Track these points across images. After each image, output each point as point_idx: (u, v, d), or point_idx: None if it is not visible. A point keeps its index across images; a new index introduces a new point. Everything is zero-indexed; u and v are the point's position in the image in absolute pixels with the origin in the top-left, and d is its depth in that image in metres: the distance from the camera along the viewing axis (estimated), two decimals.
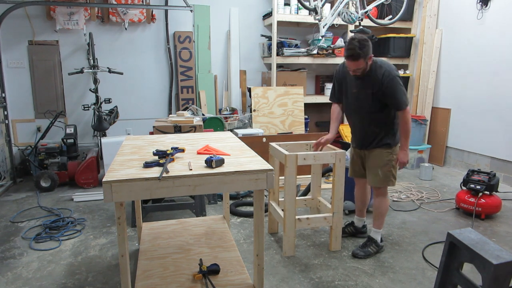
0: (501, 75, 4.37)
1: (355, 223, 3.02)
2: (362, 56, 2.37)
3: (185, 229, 2.77)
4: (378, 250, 2.76)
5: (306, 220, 2.76)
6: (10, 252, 2.79)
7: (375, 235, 2.77)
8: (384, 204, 2.73)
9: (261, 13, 5.59)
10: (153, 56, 5.31)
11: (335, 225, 2.77)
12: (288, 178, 2.61)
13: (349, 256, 2.72)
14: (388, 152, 2.61)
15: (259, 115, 4.88)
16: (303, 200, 3.21)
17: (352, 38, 2.41)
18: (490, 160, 4.57)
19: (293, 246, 2.74)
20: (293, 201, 2.66)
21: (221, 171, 1.76)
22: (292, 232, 2.71)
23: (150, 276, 2.18)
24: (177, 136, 2.66)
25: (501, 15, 4.35)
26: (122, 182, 1.63)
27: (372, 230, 2.79)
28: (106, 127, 4.47)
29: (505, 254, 1.47)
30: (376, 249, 2.75)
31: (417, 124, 5.09)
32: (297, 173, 2.64)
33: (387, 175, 2.63)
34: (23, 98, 4.87)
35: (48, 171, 4.11)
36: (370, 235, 2.78)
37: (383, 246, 2.81)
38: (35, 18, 4.78)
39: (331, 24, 4.23)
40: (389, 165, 2.62)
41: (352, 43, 2.37)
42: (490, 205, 3.32)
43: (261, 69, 5.77)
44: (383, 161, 2.61)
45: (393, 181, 2.65)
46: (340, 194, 2.74)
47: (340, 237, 2.82)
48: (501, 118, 4.40)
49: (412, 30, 5.65)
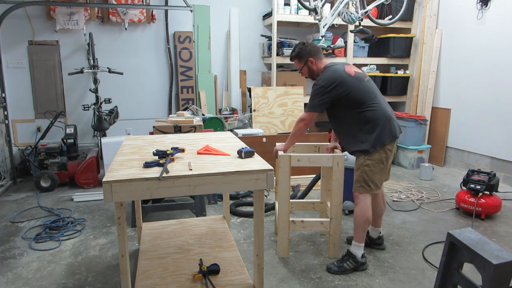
0: (501, 75, 4.37)
1: (370, 233, 2.82)
2: (296, 57, 2.65)
3: (185, 229, 2.77)
4: (356, 266, 2.50)
5: (301, 223, 2.69)
6: (10, 252, 2.79)
7: (354, 249, 2.53)
8: (358, 213, 2.49)
9: (261, 13, 5.59)
10: (153, 56, 5.31)
11: (333, 231, 2.64)
12: (281, 178, 2.57)
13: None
14: (362, 157, 2.48)
15: (259, 115, 4.88)
16: (311, 204, 3.13)
17: (300, 41, 2.68)
18: (490, 160, 4.57)
19: (286, 248, 2.69)
20: (287, 202, 2.62)
21: (221, 171, 1.76)
22: (285, 234, 2.65)
23: (150, 276, 2.18)
24: (177, 136, 2.66)
25: (501, 15, 4.35)
26: (122, 182, 1.63)
27: (352, 244, 2.57)
28: (106, 127, 4.47)
29: (505, 254, 1.47)
30: (354, 265, 2.50)
31: (417, 124, 5.09)
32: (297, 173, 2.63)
33: (359, 180, 2.48)
34: (23, 98, 4.87)
35: (48, 171, 4.11)
36: (349, 249, 2.55)
37: (365, 263, 2.55)
38: (35, 18, 4.78)
39: (331, 24, 4.23)
40: (360, 169, 2.47)
41: (296, 45, 2.67)
42: (490, 205, 3.32)
43: (261, 69, 5.77)
44: (356, 165, 2.51)
45: (364, 187, 2.46)
46: (338, 199, 2.61)
47: (339, 244, 2.69)
48: (501, 118, 4.40)
49: (412, 30, 5.66)
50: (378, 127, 2.43)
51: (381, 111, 2.46)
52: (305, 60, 2.62)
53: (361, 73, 2.56)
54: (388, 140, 2.45)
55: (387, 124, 2.45)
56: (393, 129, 2.47)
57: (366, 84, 2.51)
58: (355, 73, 2.51)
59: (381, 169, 2.48)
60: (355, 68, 2.59)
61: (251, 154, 2.02)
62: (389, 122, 2.46)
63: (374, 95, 2.50)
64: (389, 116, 2.48)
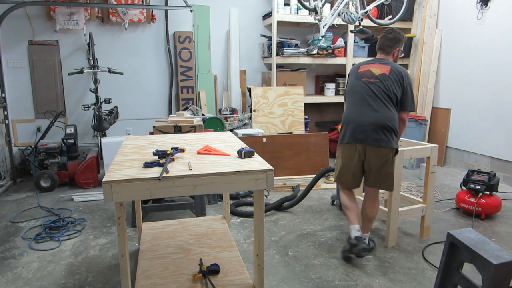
0: (501, 75, 4.37)
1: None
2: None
3: (185, 229, 2.77)
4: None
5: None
6: (10, 252, 2.79)
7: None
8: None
9: (261, 13, 5.59)
10: (153, 56, 5.30)
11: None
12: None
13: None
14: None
15: (259, 115, 4.88)
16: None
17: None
18: (490, 160, 4.57)
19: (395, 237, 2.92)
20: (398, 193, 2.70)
21: (221, 171, 1.76)
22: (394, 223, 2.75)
23: (150, 276, 2.18)
24: (177, 136, 2.66)
25: (501, 15, 4.35)
26: (122, 182, 1.63)
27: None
28: (106, 127, 4.47)
29: (505, 254, 1.47)
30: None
31: (417, 124, 5.09)
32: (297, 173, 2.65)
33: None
34: (23, 98, 4.87)
35: (48, 171, 4.11)
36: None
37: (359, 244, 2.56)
38: (35, 18, 4.78)
39: (331, 24, 4.23)
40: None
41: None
42: (490, 205, 3.32)
43: (261, 69, 5.77)
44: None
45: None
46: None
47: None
48: (501, 118, 4.40)
49: (412, 30, 5.66)
50: (343, 126, 2.66)
51: (348, 113, 2.62)
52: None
53: (370, 73, 2.59)
54: (342, 141, 2.64)
55: (346, 127, 2.62)
56: (349, 133, 2.57)
57: (359, 83, 2.59)
58: (366, 71, 2.62)
59: (338, 164, 2.70)
60: (376, 67, 2.61)
61: (251, 154, 2.02)
62: (348, 126, 2.58)
63: (354, 96, 2.61)
64: (350, 120, 2.58)
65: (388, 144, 2.47)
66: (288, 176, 4.17)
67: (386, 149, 2.48)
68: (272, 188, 3.03)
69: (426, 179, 2.96)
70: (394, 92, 2.53)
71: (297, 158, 4.28)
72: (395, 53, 2.69)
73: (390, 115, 2.50)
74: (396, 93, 2.53)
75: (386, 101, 2.51)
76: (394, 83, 2.53)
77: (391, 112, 2.51)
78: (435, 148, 2.91)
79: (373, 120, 2.48)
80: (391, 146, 2.49)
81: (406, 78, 2.56)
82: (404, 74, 2.56)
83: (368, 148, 2.51)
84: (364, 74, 2.61)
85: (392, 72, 2.55)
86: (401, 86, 2.54)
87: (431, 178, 2.94)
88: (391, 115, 2.51)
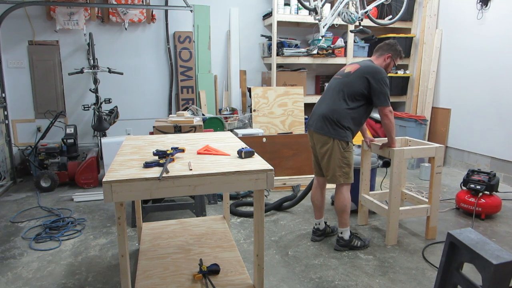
0: (501, 75, 4.36)
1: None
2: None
3: (185, 229, 2.77)
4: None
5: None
6: (10, 252, 2.79)
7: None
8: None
9: (261, 13, 5.59)
10: (153, 56, 5.30)
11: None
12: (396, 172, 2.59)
13: (349, 256, 2.72)
14: None
15: (259, 115, 4.88)
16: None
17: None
18: (490, 160, 4.57)
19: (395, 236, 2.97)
20: (399, 192, 2.65)
21: (221, 171, 1.76)
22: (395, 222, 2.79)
23: (150, 276, 2.18)
24: (177, 136, 2.66)
25: (501, 15, 4.35)
26: (122, 182, 1.63)
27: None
28: (106, 127, 4.47)
29: (505, 254, 1.47)
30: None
31: (417, 124, 5.09)
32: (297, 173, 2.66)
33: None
34: (23, 98, 4.87)
35: (48, 171, 4.11)
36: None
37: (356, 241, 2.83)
38: (35, 18, 4.78)
39: (331, 24, 4.23)
40: None
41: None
42: (490, 205, 3.32)
43: (261, 69, 5.77)
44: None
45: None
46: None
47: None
48: (501, 118, 4.40)
49: (412, 30, 5.66)
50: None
51: (316, 104, 2.85)
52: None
53: (342, 71, 2.83)
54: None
55: (311, 115, 2.86)
56: (310, 121, 2.83)
57: (335, 80, 2.81)
58: (341, 70, 2.85)
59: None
60: (349, 66, 2.81)
61: (251, 154, 2.02)
62: (312, 115, 2.83)
63: (326, 91, 2.83)
64: (314, 111, 2.83)
65: (326, 133, 2.67)
66: (288, 176, 4.17)
67: (324, 137, 2.69)
68: (272, 188, 3.03)
69: (431, 180, 2.94)
70: (357, 89, 2.66)
71: (297, 158, 4.28)
72: (386, 59, 2.80)
73: (338, 108, 2.66)
74: (361, 90, 2.66)
75: (341, 95, 2.68)
76: (357, 80, 2.66)
77: (342, 105, 2.66)
78: (440, 148, 2.90)
79: (321, 111, 2.73)
80: (328, 135, 2.66)
81: (373, 76, 2.64)
82: (372, 73, 2.65)
83: (314, 135, 2.78)
84: (339, 72, 2.87)
85: (358, 71, 2.70)
86: (367, 84, 2.64)
87: (436, 179, 2.92)
88: (340, 108, 2.65)
